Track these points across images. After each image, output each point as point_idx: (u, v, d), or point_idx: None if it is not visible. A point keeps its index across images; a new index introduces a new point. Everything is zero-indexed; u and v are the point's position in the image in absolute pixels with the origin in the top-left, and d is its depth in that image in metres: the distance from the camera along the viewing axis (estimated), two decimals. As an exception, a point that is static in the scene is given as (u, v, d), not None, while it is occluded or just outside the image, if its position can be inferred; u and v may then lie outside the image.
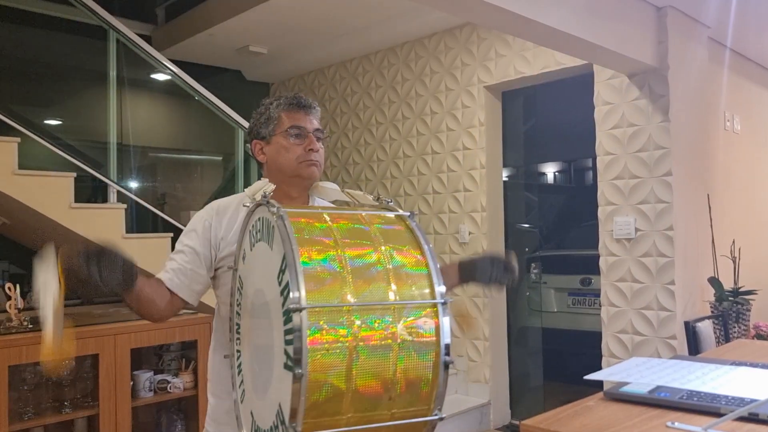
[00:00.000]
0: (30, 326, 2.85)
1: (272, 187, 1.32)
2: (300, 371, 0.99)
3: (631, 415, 1.36)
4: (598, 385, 1.70)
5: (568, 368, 4.71)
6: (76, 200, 3.24)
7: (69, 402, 2.93)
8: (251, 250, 1.29)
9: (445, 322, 1.11)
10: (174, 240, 3.62)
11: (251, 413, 1.25)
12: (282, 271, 1.08)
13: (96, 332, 2.92)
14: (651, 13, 3.41)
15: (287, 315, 1.04)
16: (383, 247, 1.15)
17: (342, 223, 1.17)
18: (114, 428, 2.93)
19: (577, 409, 1.42)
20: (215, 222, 1.60)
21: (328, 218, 1.18)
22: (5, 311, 2.90)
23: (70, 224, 3.17)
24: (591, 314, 4.54)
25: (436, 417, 1.12)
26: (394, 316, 1.08)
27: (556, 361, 4.70)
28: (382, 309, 1.08)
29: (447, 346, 1.10)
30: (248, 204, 1.30)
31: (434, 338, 1.10)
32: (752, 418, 1.26)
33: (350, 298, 1.06)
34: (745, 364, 1.66)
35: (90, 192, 3.79)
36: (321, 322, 1.03)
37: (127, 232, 3.41)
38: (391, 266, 1.13)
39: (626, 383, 1.51)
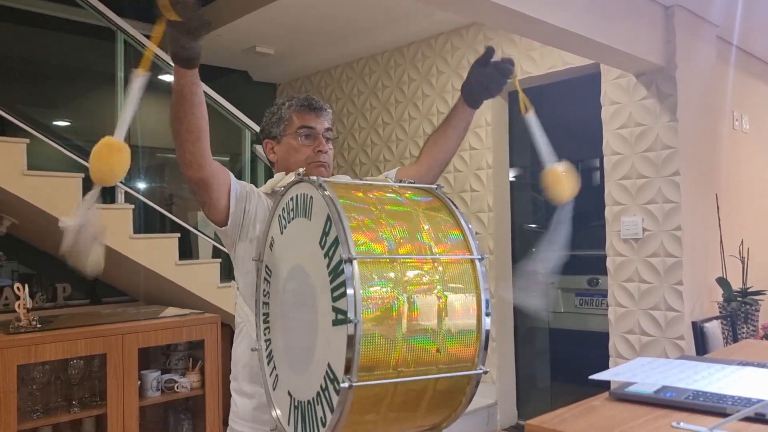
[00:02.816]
0: (38, 326, 2.87)
1: (302, 168, 1.37)
2: (355, 318, 1.01)
3: (637, 415, 1.35)
4: (606, 385, 1.70)
5: (575, 369, 4.69)
6: (84, 201, 3.26)
7: (77, 401, 2.95)
8: (282, 233, 1.33)
9: (482, 276, 1.16)
10: (181, 240, 3.65)
11: (288, 393, 1.27)
12: (326, 234, 1.12)
13: (104, 332, 2.94)
14: (658, 12, 3.40)
15: (335, 271, 1.07)
16: (419, 210, 1.21)
17: (377, 192, 1.24)
18: (122, 427, 2.94)
19: (582, 409, 1.41)
20: (249, 196, 1.57)
21: (363, 187, 1.25)
22: (14, 311, 2.92)
23: (79, 224, 3.19)
24: (598, 314, 4.52)
25: (480, 371, 1.15)
26: (436, 270, 1.13)
27: (564, 361, 4.68)
28: (426, 262, 1.13)
29: (487, 301, 1.15)
30: (278, 188, 1.36)
31: (474, 292, 1.15)
32: (759, 419, 1.25)
33: (395, 252, 1.11)
34: (753, 365, 1.65)
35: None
36: (370, 273, 1.06)
37: (135, 232, 3.43)
38: (428, 226, 1.18)
39: (632, 383, 1.50)
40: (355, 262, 1.04)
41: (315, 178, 1.18)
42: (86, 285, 4.22)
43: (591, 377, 1.59)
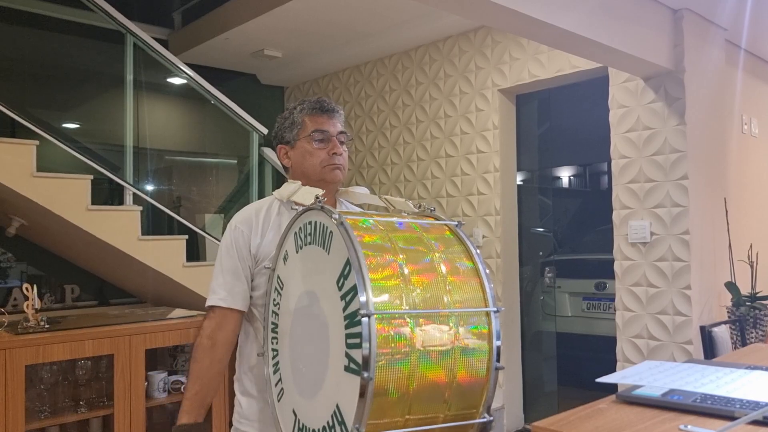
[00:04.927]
0: (47, 326, 2.88)
1: (321, 191, 1.34)
2: (368, 375, 1.01)
3: (644, 418, 1.35)
4: (613, 389, 1.69)
5: (582, 373, 4.67)
6: (93, 202, 3.28)
7: (84, 402, 2.96)
8: (297, 252, 1.31)
9: (496, 333, 1.17)
10: (189, 242, 3.66)
11: (293, 411, 1.27)
12: (344, 276, 1.10)
13: (111, 333, 2.95)
14: (666, 16, 3.39)
15: (351, 319, 1.07)
16: (438, 256, 1.20)
17: (398, 233, 1.22)
18: (128, 428, 2.95)
19: (589, 411, 1.41)
20: (246, 231, 1.62)
21: (382, 227, 1.22)
22: (23, 311, 2.93)
23: (87, 226, 3.21)
24: (606, 319, 4.50)
25: (485, 419, 1.18)
26: (452, 323, 1.13)
27: (571, 365, 4.66)
28: (442, 316, 1.13)
29: (498, 353, 1.16)
30: (295, 207, 1.35)
31: (487, 345, 1.16)
32: (766, 422, 1.25)
33: (412, 305, 1.10)
34: (761, 368, 1.64)
35: (107, 194, 3.83)
36: (387, 328, 1.06)
37: (143, 234, 3.44)
38: (446, 275, 1.18)
39: (639, 386, 1.50)
40: (372, 318, 1.03)
41: (336, 215, 1.14)
42: (94, 286, 4.24)
43: (598, 380, 1.58)
